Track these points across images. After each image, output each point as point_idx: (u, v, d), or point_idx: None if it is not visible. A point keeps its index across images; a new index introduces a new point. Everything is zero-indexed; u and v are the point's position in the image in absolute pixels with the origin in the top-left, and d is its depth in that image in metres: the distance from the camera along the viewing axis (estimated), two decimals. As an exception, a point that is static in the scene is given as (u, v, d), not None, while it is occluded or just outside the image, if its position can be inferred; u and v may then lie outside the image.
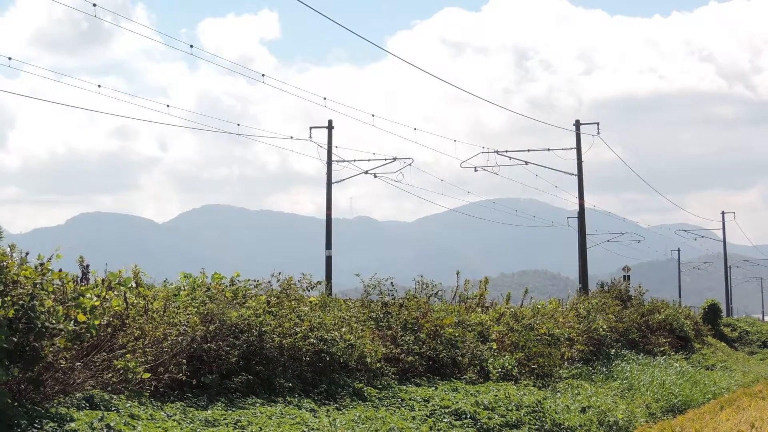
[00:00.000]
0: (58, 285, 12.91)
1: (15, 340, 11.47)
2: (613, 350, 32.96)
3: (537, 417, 19.03)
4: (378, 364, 19.38)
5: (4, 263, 11.78)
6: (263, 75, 34.40)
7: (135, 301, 15.51)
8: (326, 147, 44.94)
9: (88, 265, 15.89)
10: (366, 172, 47.60)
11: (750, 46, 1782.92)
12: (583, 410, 21.17)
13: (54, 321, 11.95)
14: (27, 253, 13.08)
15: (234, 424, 13.76)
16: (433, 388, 19.63)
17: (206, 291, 17.13)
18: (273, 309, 17.78)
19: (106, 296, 14.56)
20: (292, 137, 43.00)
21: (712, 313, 56.38)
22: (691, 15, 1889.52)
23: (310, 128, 45.08)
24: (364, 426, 15.32)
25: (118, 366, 13.57)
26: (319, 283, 21.58)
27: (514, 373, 23.51)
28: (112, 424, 11.97)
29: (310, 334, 17.74)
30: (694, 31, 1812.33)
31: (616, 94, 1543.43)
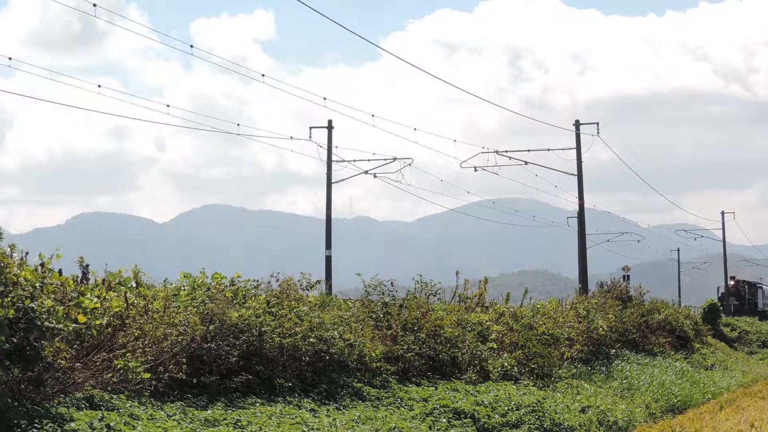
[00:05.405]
0: (58, 285, 12.92)
1: (15, 340, 11.49)
2: (613, 350, 32.97)
3: (537, 417, 19.04)
4: (377, 364, 19.41)
5: (4, 263, 11.79)
6: (263, 75, 34.52)
7: (135, 301, 15.53)
8: (326, 147, 45.01)
9: (88, 265, 15.92)
10: (366, 172, 47.70)
11: (744, 48, 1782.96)
12: (583, 410, 21.18)
13: (54, 321, 11.96)
14: (27, 253, 13.10)
15: (234, 423, 13.78)
16: (433, 388, 19.64)
17: (206, 291, 17.15)
18: (273, 309, 17.80)
19: (107, 296, 14.58)
20: (292, 137, 43.11)
21: (711, 313, 56.38)
22: (685, 14, 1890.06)
23: (310, 128, 45.19)
24: (364, 426, 15.33)
25: (118, 366, 13.58)
26: (318, 282, 21.60)
27: (513, 373, 23.52)
28: (112, 424, 11.99)
29: (309, 333, 17.76)
30: (690, 31, 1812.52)
31: (611, 94, 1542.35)
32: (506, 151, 48.41)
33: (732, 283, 75.90)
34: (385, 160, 47.34)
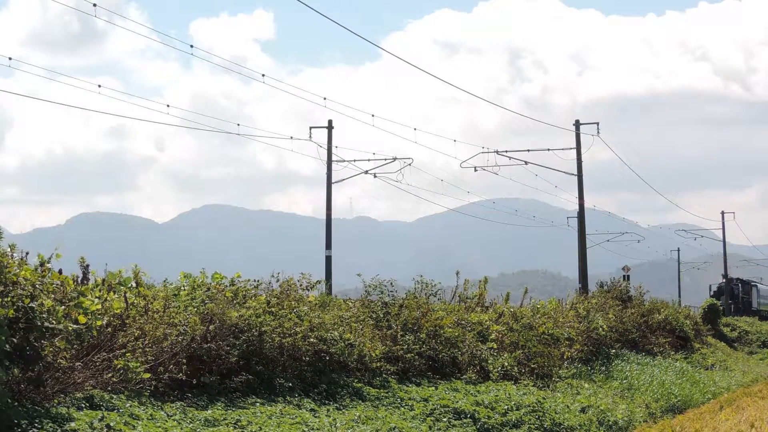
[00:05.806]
0: (57, 285, 12.92)
1: (15, 340, 11.49)
2: (613, 350, 32.98)
3: (537, 416, 19.05)
4: (377, 364, 19.40)
5: (4, 263, 11.78)
6: (263, 75, 34.49)
7: (135, 301, 15.53)
8: (326, 147, 44.99)
9: (88, 265, 15.91)
10: (366, 172, 47.67)
11: (744, 48, 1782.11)
12: (583, 410, 21.18)
13: (54, 321, 11.96)
14: (27, 253, 13.10)
15: (234, 423, 13.78)
16: (433, 388, 19.65)
17: (206, 291, 17.14)
18: (273, 309, 17.80)
19: (107, 297, 14.57)
20: (292, 137, 43.10)
21: (711, 313, 56.36)
22: (685, 15, 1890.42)
23: (310, 128, 45.16)
24: (364, 426, 15.34)
25: (118, 366, 13.58)
26: (319, 282, 21.59)
27: (513, 373, 23.52)
28: (112, 424, 11.98)
29: (309, 333, 17.75)
30: (690, 31, 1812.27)
31: (611, 94, 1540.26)
32: (506, 151, 48.44)
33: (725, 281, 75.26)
34: (385, 160, 47.33)
